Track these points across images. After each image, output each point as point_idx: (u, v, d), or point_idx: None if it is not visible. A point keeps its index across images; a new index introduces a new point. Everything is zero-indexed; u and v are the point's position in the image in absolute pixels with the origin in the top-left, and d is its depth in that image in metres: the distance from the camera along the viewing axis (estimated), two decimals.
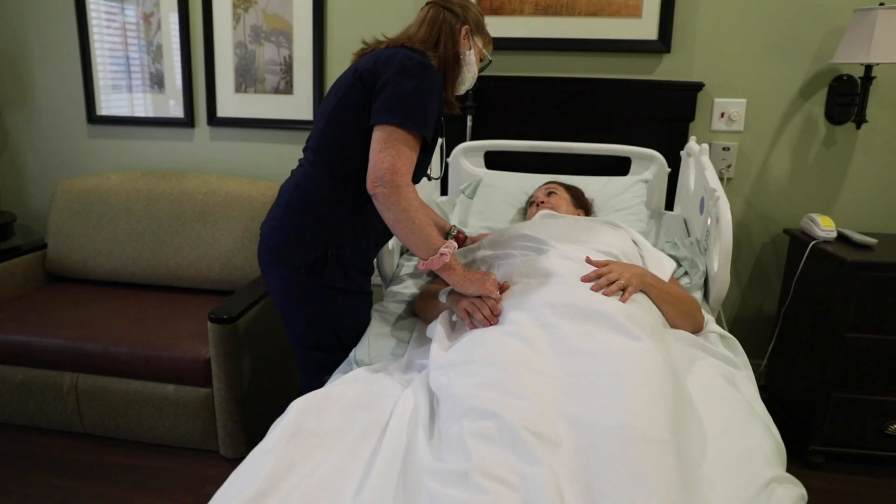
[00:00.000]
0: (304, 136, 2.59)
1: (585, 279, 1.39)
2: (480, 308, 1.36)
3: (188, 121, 2.66)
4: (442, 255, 1.37)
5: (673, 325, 1.48)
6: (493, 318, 1.35)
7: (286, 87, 2.58)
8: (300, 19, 2.50)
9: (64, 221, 2.53)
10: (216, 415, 2.00)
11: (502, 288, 1.43)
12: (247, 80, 2.60)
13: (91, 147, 2.78)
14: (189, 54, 2.60)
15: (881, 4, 2.03)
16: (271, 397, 2.20)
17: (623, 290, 1.36)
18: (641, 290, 1.42)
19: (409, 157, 1.34)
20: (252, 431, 2.06)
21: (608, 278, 1.38)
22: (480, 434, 0.98)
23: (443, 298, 1.50)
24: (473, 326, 1.34)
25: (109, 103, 2.72)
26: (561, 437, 0.99)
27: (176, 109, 2.68)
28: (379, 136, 1.34)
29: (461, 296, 1.41)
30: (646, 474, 0.89)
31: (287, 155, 2.64)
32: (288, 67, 2.55)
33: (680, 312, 1.48)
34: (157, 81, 2.67)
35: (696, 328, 1.52)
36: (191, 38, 2.59)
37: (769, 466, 1.04)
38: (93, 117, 2.73)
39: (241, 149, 2.67)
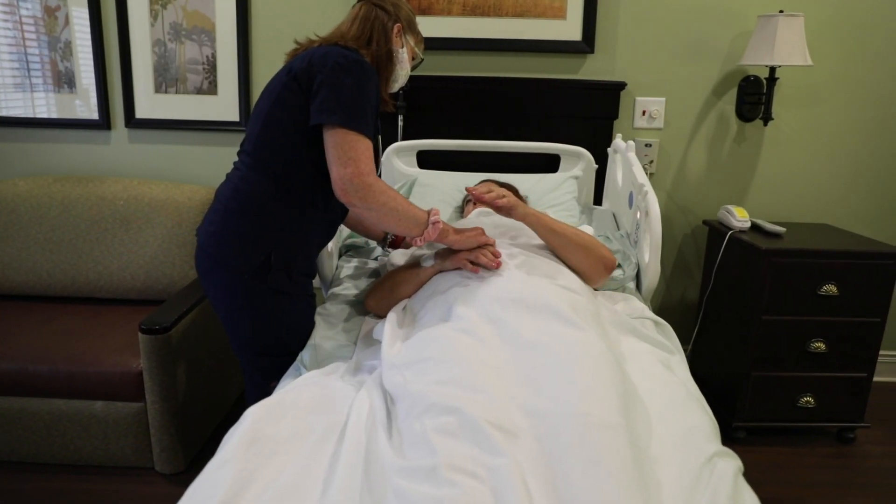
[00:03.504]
0: (231, 137, 2.53)
1: (469, 189, 1.54)
2: (483, 253, 1.44)
3: (104, 122, 2.52)
4: (434, 224, 1.42)
5: (580, 266, 1.55)
6: (496, 260, 1.44)
7: (210, 88, 2.49)
8: (223, 17, 2.42)
9: None
10: (150, 429, 1.91)
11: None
12: (167, 79, 2.49)
13: None
14: (102, 52, 2.46)
15: (781, 12, 2.20)
16: (208, 408, 2.12)
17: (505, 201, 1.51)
18: (524, 221, 1.55)
19: (368, 155, 1.35)
20: (189, 445, 1.99)
21: (489, 186, 1.52)
22: (443, 430, 0.99)
23: (429, 263, 1.54)
24: (477, 271, 1.43)
25: (11, 104, 2.53)
26: (520, 428, 1.02)
27: (89, 110, 2.52)
28: (331, 142, 1.33)
29: (451, 254, 1.49)
30: (604, 458, 0.94)
31: (214, 157, 2.55)
32: (211, 67, 2.46)
33: (575, 246, 1.55)
34: (67, 81, 2.51)
35: (608, 263, 1.60)
36: (104, 35, 2.45)
37: (709, 443, 1.11)
38: None
39: (163, 151, 2.55)
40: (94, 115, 2.52)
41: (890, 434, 2.32)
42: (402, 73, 1.58)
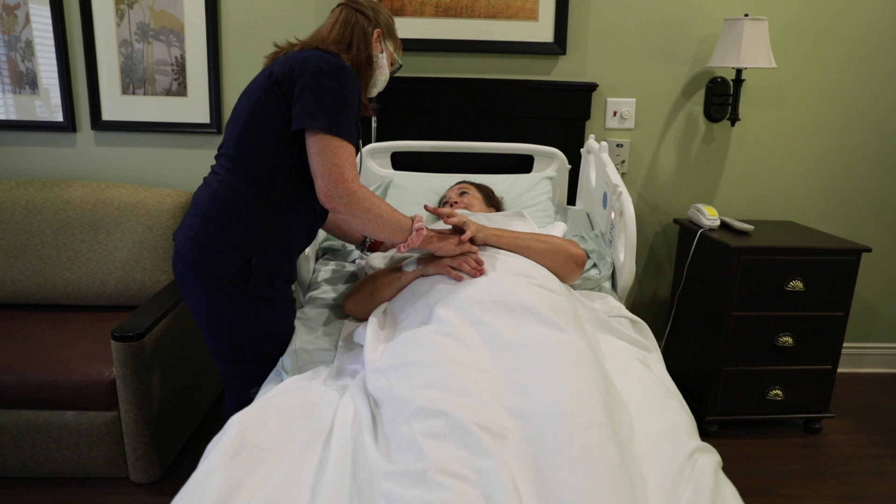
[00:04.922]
0: (202, 139, 2.49)
1: (431, 209, 1.51)
2: (466, 261, 1.45)
3: (68, 125, 2.45)
4: (418, 230, 1.43)
5: (552, 268, 1.57)
6: (479, 268, 1.45)
7: (179, 89, 2.44)
8: (192, 17, 2.38)
9: None
10: (124, 438, 1.87)
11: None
12: (134, 80, 2.43)
13: None
14: (66, 52, 2.39)
15: (746, 15, 2.25)
16: (184, 415, 2.09)
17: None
18: (487, 244, 1.56)
19: (351, 161, 1.35)
20: (164, 453, 1.95)
21: (451, 209, 1.57)
22: (431, 433, 1.00)
23: (410, 268, 1.53)
24: (461, 279, 1.43)
25: None
26: (507, 429, 1.03)
27: (52, 112, 2.45)
28: (315, 148, 1.32)
29: (433, 259, 1.49)
30: (591, 457, 0.95)
31: (185, 160, 2.50)
32: (181, 68, 2.42)
33: (542, 253, 1.58)
34: (29, 82, 2.44)
35: (578, 260, 1.63)
36: (67, 35, 2.39)
37: (690, 438, 1.13)
38: None
39: (131, 154, 2.50)
40: (58, 117, 2.45)
41: (853, 423, 2.40)
42: (381, 79, 1.59)
